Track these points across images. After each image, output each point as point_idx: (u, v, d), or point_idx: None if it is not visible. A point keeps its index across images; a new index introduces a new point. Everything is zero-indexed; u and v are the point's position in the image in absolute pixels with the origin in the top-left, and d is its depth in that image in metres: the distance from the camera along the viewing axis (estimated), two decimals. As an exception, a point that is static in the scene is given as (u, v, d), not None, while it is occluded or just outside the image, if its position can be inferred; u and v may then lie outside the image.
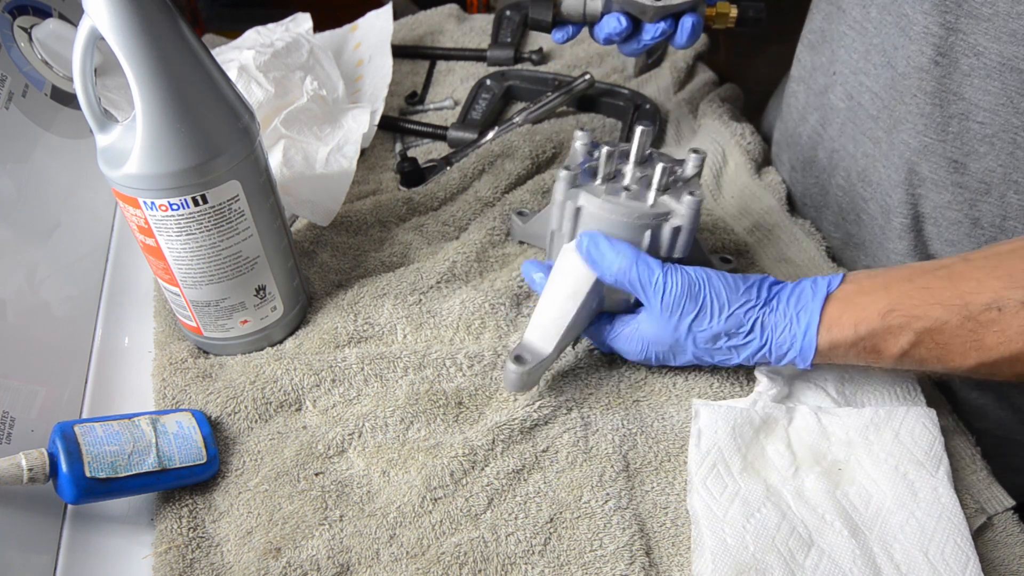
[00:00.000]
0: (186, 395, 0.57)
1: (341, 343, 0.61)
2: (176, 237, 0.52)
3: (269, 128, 0.71)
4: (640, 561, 0.48)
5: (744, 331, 0.51)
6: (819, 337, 0.49)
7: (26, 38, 0.72)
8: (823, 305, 0.50)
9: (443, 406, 0.56)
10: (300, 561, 0.48)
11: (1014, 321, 0.44)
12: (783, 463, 0.52)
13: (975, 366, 0.47)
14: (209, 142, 0.49)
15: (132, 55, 0.45)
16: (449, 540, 0.49)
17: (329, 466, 0.53)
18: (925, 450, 0.52)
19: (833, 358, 0.51)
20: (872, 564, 0.47)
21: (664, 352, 0.54)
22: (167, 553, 0.49)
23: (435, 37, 1.01)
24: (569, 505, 0.51)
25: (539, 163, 0.77)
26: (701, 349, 0.53)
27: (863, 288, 0.50)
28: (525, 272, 0.61)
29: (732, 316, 0.51)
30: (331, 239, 0.70)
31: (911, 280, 0.48)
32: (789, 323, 0.50)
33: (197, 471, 0.52)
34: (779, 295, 0.51)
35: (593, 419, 0.55)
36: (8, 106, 0.67)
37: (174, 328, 0.62)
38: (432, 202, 0.74)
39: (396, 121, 0.86)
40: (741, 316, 0.51)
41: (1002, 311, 0.44)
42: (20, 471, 0.46)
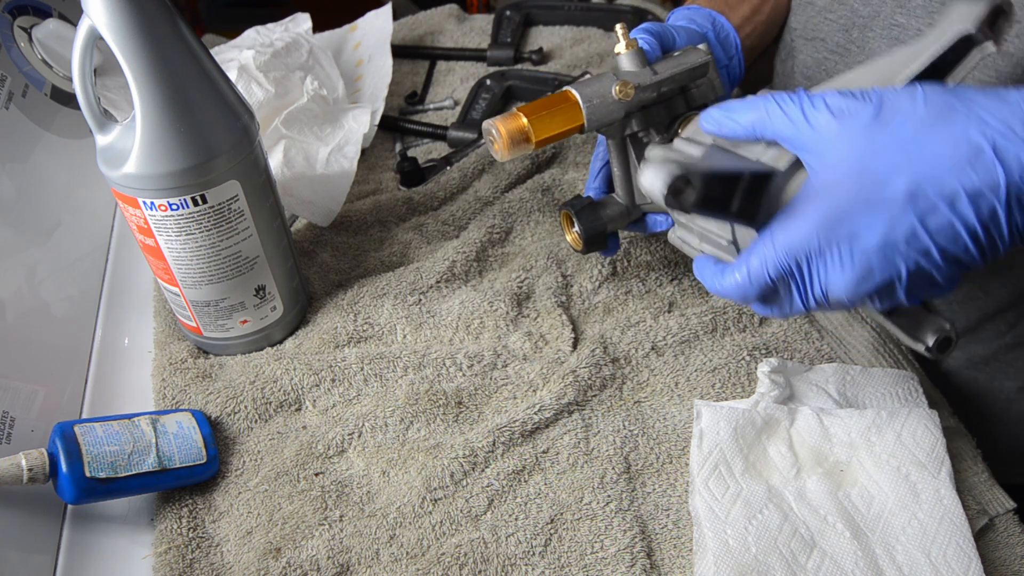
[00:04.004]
0: (186, 395, 0.57)
1: (341, 343, 0.60)
2: (176, 237, 0.52)
3: (270, 128, 0.71)
4: (642, 563, 0.48)
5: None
6: None
7: (26, 38, 0.72)
8: None
9: (443, 406, 0.56)
10: (300, 561, 0.48)
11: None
12: (785, 464, 0.52)
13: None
14: (208, 142, 0.49)
15: (131, 55, 0.45)
16: (449, 541, 0.49)
17: (329, 466, 0.53)
18: (927, 451, 0.52)
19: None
20: (874, 565, 0.47)
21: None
22: (167, 553, 0.49)
23: (435, 37, 1.01)
24: (570, 506, 0.51)
25: (539, 163, 0.77)
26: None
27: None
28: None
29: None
30: (331, 239, 0.70)
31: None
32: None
33: (197, 471, 0.51)
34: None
35: (594, 420, 0.55)
36: (8, 106, 0.67)
37: (174, 328, 0.62)
38: (432, 202, 0.74)
39: (396, 121, 0.85)
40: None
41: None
42: (20, 471, 0.46)
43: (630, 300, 0.63)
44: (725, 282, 0.44)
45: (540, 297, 0.63)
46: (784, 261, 0.40)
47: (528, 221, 0.71)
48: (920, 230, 0.37)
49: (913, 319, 0.47)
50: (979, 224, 0.37)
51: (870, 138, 0.38)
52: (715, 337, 0.60)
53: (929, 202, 0.37)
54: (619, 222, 0.58)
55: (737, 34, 0.62)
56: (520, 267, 0.65)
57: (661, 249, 0.67)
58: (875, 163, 0.38)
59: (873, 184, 0.38)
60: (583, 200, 0.58)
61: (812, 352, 0.60)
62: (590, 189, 0.61)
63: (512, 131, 0.49)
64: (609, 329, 0.60)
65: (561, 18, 1.00)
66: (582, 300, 0.64)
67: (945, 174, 0.36)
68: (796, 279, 0.41)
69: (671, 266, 0.66)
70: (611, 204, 0.58)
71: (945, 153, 0.36)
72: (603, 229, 0.58)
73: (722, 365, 0.58)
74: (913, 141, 0.37)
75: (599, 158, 0.60)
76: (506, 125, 0.49)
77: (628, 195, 0.57)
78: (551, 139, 0.51)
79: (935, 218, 0.37)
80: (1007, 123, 0.36)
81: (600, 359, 0.58)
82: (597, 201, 0.58)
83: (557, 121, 0.50)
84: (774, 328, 0.61)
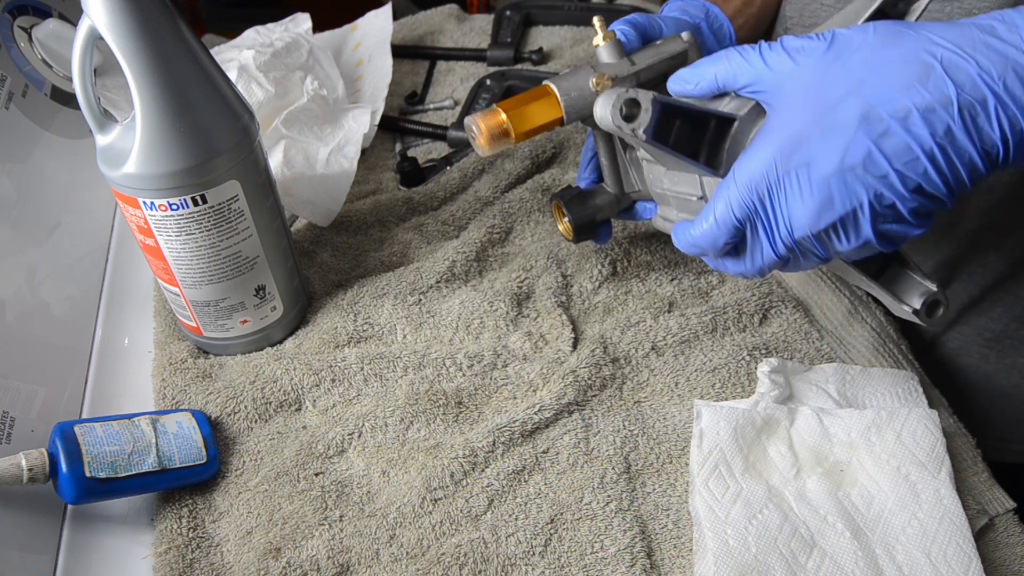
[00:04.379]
0: (186, 395, 0.57)
1: (341, 343, 0.60)
2: (176, 237, 0.52)
3: (270, 128, 0.71)
4: (642, 563, 0.48)
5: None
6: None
7: (26, 38, 0.72)
8: None
9: (443, 406, 0.56)
10: (300, 561, 0.48)
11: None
12: (785, 464, 0.52)
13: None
14: (208, 142, 0.49)
15: (131, 55, 0.45)
16: (449, 541, 0.49)
17: (329, 466, 0.53)
18: (927, 451, 0.52)
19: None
20: (874, 565, 0.47)
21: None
22: (167, 553, 0.49)
23: (435, 37, 1.01)
24: (570, 506, 0.51)
25: (539, 163, 0.77)
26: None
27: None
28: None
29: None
30: (331, 239, 0.70)
31: None
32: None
33: (197, 471, 0.51)
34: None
35: (594, 420, 0.55)
36: (8, 106, 0.67)
37: (174, 328, 0.62)
38: (432, 202, 0.74)
39: (396, 121, 0.85)
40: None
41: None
42: (20, 471, 0.46)
43: (630, 300, 0.63)
44: (695, 232, 0.44)
45: (540, 297, 0.63)
46: (746, 196, 0.41)
47: (528, 221, 0.71)
48: (876, 153, 0.37)
49: (901, 283, 0.47)
50: (935, 145, 0.36)
51: (823, 68, 0.39)
52: (715, 337, 0.60)
53: (883, 123, 0.37)
54: (609, 211, 0.59)
55: (731, 24, 0.63)
56: (520, 267, 0.65)
57: (661, 249, 0.67)
58: (828, 90, 0.38)
59: (826, 110, 0.38)
60: (573, 190, 0.59)
61: (812, 352, 0.60)
62: (581, 179, 0.61)
63: (492, 126, 0.50)
64: (609, 329, 0.60)
65: (561, 18, 1.00)
66: (582, 300, 0.64)
67: (896, 93, 0.36)
68: (761, 217, 0.41)
69: (671, 266, 0.66)
70: (600, 193, 0.59)
71: (895, 73, 0.37)
72: (593, 218, 0.59)
73: (722, 365, 0.58)
74: (864, 65, 0.38)
75: (589, 148, 0.61)
76: (486, 121, 0.50)
77: (616, 184, 0.58)
78: (531, 133, 0.52)
79: (890, 140, 0.37)
80: (955, 42, 0.36)
81: (600, 359, 0.58)
82: (586, 191, 0.59)
83: (535, 115, 0.51)
84: (774, 328, 0.61)
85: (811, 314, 0.63)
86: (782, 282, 0.65)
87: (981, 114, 0.36)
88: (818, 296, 0.63)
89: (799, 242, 0.41)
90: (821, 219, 0.39)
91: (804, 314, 0.62)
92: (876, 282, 0.46)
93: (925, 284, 0.46)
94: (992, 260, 0.64)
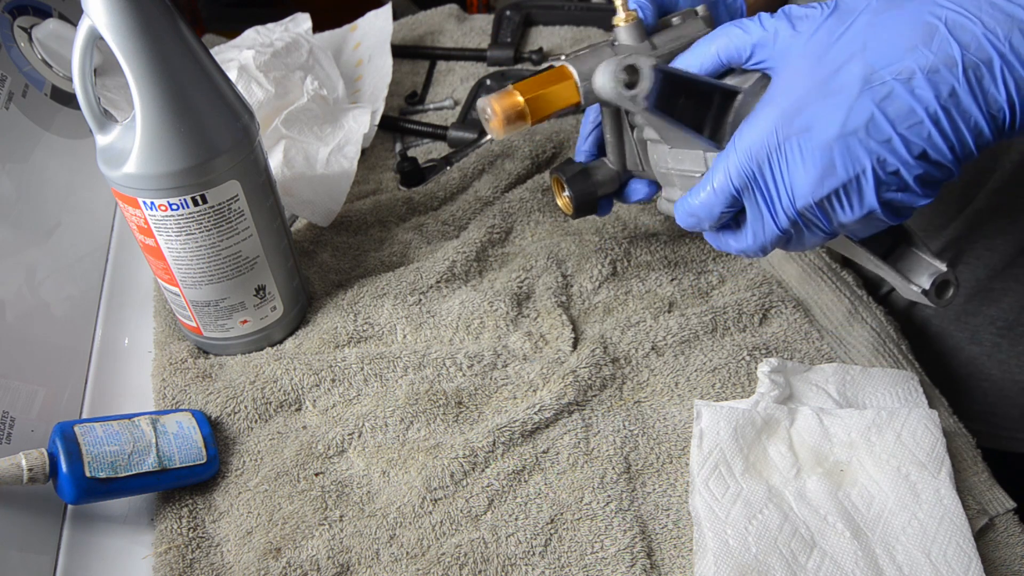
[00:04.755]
0: (186, 395, 0.57)
1: (341, 343, 0.60)
2: (176, 237, 0.52)
3: (270, 128, 0.71)
4: (642, 563, 0.48)
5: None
6: None
7: (26, 38, 0.72)
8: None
9: (443, 406, 0.56)
10: (300, 561, 0.48)
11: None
12: (785, 464, 0.52)
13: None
14: (208, 142, 0.49)
15: (131, 55, 0.45)
16: (449, 541, 0.49)
17: (329, 466, 0.53)
18: (927, 451, 0.52)
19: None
20: (874, 565, 0.47)
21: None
22: (167, 553, 0.49)
23: (435, 37, 1.01)
24: (570, 506, 0.51)
25: (539, 163, 0.77)
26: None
27: None
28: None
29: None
30: (331, 239, 0.70)
31: None
32: None
33: (197, 471, 0.51)
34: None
35: (594, 420, 0.55)
36: (8, 106, 0.67)
37: (174, 328, 0.62)
38: (432, 202, 0.74)
39: (396, 121, 0.85)
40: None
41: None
42: (20, 471, 0.46)
43: (630, 300, 0.64)
44: (692, 201, 0.44)
45: (540, 297, 0.63)
46: (746, 164, 0.40)
47: (528, 221, 0.71)
48: (879, 116, 0.36)
49: (910, 263, 0.46)
50: (940, 107, 0.35)
51: (826, 33, 0.38)
52: (715, 337, 0.60)
53: (886, 86, 0.36)
54: (610, 186, 0.58)
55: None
56: (520, 267, 0.65)
57: (661, 249, 0.67)
58: (830, 54, 0.38)
59: (828, 74, 0.38)
60: (575, 166, 0.58)
61: (812, 352, 0.60)
62: (580, 153, 0.60)
63: (507, 108, 0.49)
64: (609, 329, 0.60)
65: (561, 18, 1.00)
66: (582, 300, 0.64)
67: (899, 55, 0.36)
68: (761, 185, 0.41)
69: (671, 266, 0.66)
70: (602, 169, 0.58)
71: (898, 35, 0.36)
72: (594, 195, 0.58)
73: (722, 365, 0.58)
74: (867, 28, 0.37)
75: (590, 121, 0.59)
76: (501, 103, 0.49)
77: (620, 161, 0.57)
78: (548, 117, 0.50)
79: (893, 103, 0.36)
80: (960, 3, 0.35)
81: (600, 359, 0.58)
82: (588, 166, 0.58)
83: (553, 99, 0.49)
84: (774, 328, 0.61)
85: (811, 314, 0.63)
86: (782, 282, 0.65)
87: (987, 75, 0.35)
88: (818, 296, 0.63)
89: (801, 212, 0.40)
90: (823, 186, 0.38)
91: (804, 314, 0.62)
92: (885, 262, 0.45)
93: (935, 264, 0.45)
94: (1000, 244, 0.63)
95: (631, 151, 0.56)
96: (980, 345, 0.68)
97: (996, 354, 0.68)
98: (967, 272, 0.67)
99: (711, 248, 0.68)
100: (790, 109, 0.39)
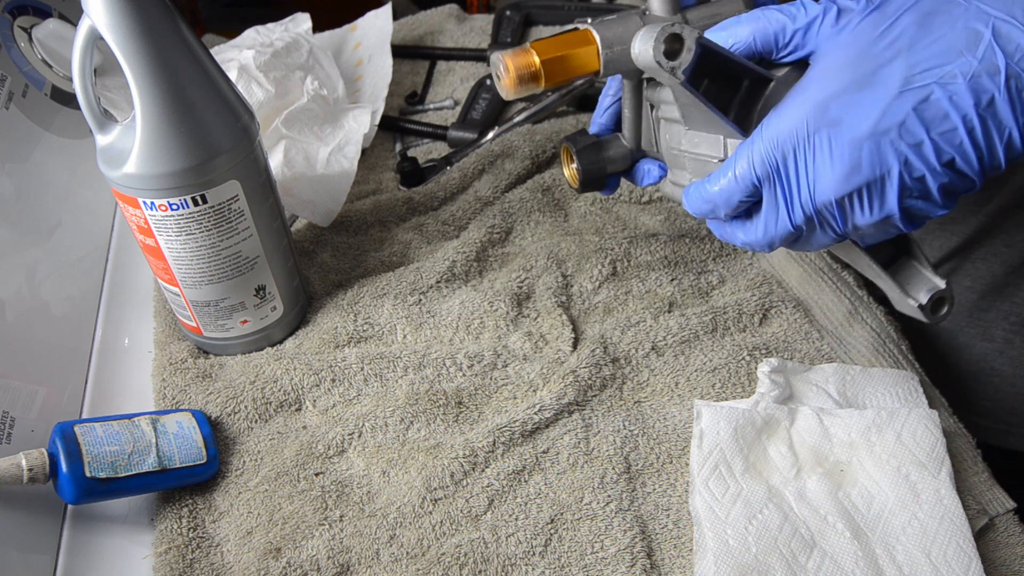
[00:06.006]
0: (186, 395, 0.57)
1: (341, 343, 0.60)
2: (176, 237, 0.52)
3: (270, 128, 0.71)
4: (642, 563, 0.48)
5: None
6: None
7: (26, 38, 0.72)
8: None
9: (443, 406, 0.56)
10: (300, 561, 0.48)
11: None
12: (785, 464, 0.52)
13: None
14: (208, 142, 0.49)
15: (131, 55, 0.45)
16: (449, 541, 0.49)
17: (329, 466, 0.53)
18: (927, 451, 0.52)
19: None
20: (874, 565, 0.47)
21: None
22: (167, 553, 0.49)
23: (435, 37, 1.01)
24: (570, 506, 0.51)
25: (539, 163, 0.77)
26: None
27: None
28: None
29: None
30: (331, 239, 0.70)
31: None
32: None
33: (197, 471, 0.51)
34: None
35: (594, 420, 0.55)
36: (8, 106, 0.67)
37: (174, 328, 0.62)
38: (432, 202, 0.74)
39: (396, 121, 0.85)
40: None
41: None
42: (20, 471, 0.46)
43: (630, 300, 0.63)
44: (711, 187, 0.42)
45: (540, 297, 0.63)
46: (770, 153, 0.39)
47: (528, 221, 0.71)
48: (913, 118, 0.36)
49: (909, 276, 0.45)
50: (976, 116, 0.35)
51: (871, 27, 0.38)
52: (715, 337, 0.60)
53: (926, 88, 0.36)
54: (621, 164, 0.55)
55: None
56: (520, 267, 0.65)
57: (661, 249, 0.67)
58: (873, 50, 0.37)
59: (870, 70, 0.37)
60: (588, 138, 0.55)
61: (812, 352, 0.60)
62: (595, 124, 0.58)
63: (520, 67, 0.45)
64: (609, 329, 0.60)
65: (561, 18, 1.00)
66: (582, 300, 0.64)
67: (944, 58, 0.35)
68: (783, 177, 0.40)
69: (671, 266, 0.66)
70: (615, 145, 0.55)
71: (945, 38, 0.36)
72: (603, 171, 0.55)
73: (722, 365, 0.58)
74: (914, 28, 0.36)
75: (610, 94, 0.57)
76: (515, 60, 0.45)
77: (635, 138, 0.55)
78: (563, 82, 0.47)
79: (930, 107, 0.36)
80: (1007, 11, 0.35)
81: (600, 359, 0.58)
82: (601, 140, 0.55)
83: (571, 65, 0.46)
84: (774, 328, 0.61)
85: (811, 314, 0.63)
86: (782, 282, 0.65)
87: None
88: (818, 296, 0.63)
89: (819, 210, 0.39)
90: (847, 183, 0.38)
91: (804, 314, 0.62)
92: (886, 271, 0.45)
93: (933, 280, 0.44)
94: (1020, 239, 0.63)
95: (648, 129, 0.54)
96: (992, 342, 0.68)
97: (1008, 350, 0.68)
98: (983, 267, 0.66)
99: (711, 248, 0.68)
100: (824, 101, 0.38)
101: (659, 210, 0.72)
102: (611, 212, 0.72)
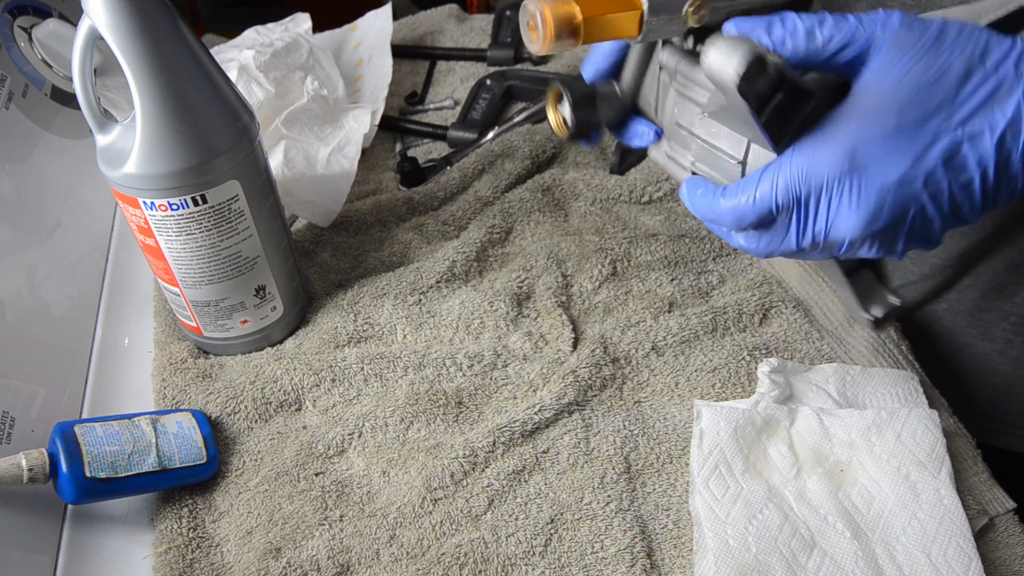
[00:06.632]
0: (186, 395, 0.57)
1: (341, 343, 0.60)
2: (176, 237, 0.52)
3: (270, 128, 0.71)
4: (642, 563, 0.48)
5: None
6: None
7: (26, 38, 0.72)
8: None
9: (443, 406, 0.56)
10: (300, 561, 0.48)
11: None
12: (785, 464, 0.52)
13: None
14: (209, 142, 0.49)
15: (131, 55, 0.45)
16: (449, 541, 0.49)
17: (329, 466, 0.53)
18: (927, 451, 0.52)
19: None
20: (874, 565, 0.47)
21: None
22: (167, 553, 0.49)
23: (435, 37, 1.01)
24: (570, 506, 0.51)
25: (539, 163, 0.77)
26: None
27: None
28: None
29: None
30: (331, 239, 0.70)
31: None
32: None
33: (197, 471, 0.51)
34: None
35: (594, 420, 0.55)
36: (8, 106, 0.67)
37: (174, 328, 0.62)
38: (432, 202, 0.74)
39: (396, 121, 0.85)
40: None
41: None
42: (20, 471, 0.46)
43: (630, 300, 0.64)
44: (725, 203, 0.41)
45: (540, 297, 0.63)
46: (796, 184, 0.38)
47: (528, 221, 0.71)
48: (941, 170, 0.35)
49: (866, 288, 0.46)
50: (994, 170, 0.35)
51: (924, 67, 0.36)
52: (715, 337, 0.60)
53: (957, 142, 0.35)
54: (611, 117, 0.52)
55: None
56: (520, 267, 0.65)
57: (661, 249, 0.67)
58: (920, 96, 0.36)
59: (912, 119, 0.36)
60: (584, 86, 0.51)
61: (812, 352, 0.60)
62: (591, 66, 0.52)
63: (561, 19, 0.40)
64: (609, 329, 0.60)
65: (561, 18, 1.00)
66: (582, 300, 0.64)
67: (978, 112, 0.35)
68: (802, 209, 0.38)
69: (671, 266, 0.66)
70: (610, 96, 0.51)
71: (982, 88, 0.35)
72: (596, 125, 0.52)
73: (722, 365, 0.58)
74: (961, 72, 0.36)
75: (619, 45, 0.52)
76: (555, 9, 0.40)
77: (632, 94, 0.51)
78: (598, 41, 0.42)
79: (958, 158, 0.35)
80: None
81: (600, 359, 0.58)
82: (598, 91, 0.51)
83: (612, 27, 0.42)
84: (774, 328, 0.61)
85: (811, 314, 0.63)
86: (782, 282, 0.65)
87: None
88: (818, 296, 0.63)
89: (828, 243, 0.39)
90: (867, 228, 0.37)
91: (804, 314, 0.62)
92: (848, 280, 0.45)
93: (887, 296, 0.45)
94: (1020, 238, 0.63)
95: (650, 89, 0.50)
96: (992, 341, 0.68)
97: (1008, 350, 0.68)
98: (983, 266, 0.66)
99: (711, 248, 0.68)
100: (863, 143, 0.37)
101: (659, 210, 0.72)
102: (611, 212, 0.72)
